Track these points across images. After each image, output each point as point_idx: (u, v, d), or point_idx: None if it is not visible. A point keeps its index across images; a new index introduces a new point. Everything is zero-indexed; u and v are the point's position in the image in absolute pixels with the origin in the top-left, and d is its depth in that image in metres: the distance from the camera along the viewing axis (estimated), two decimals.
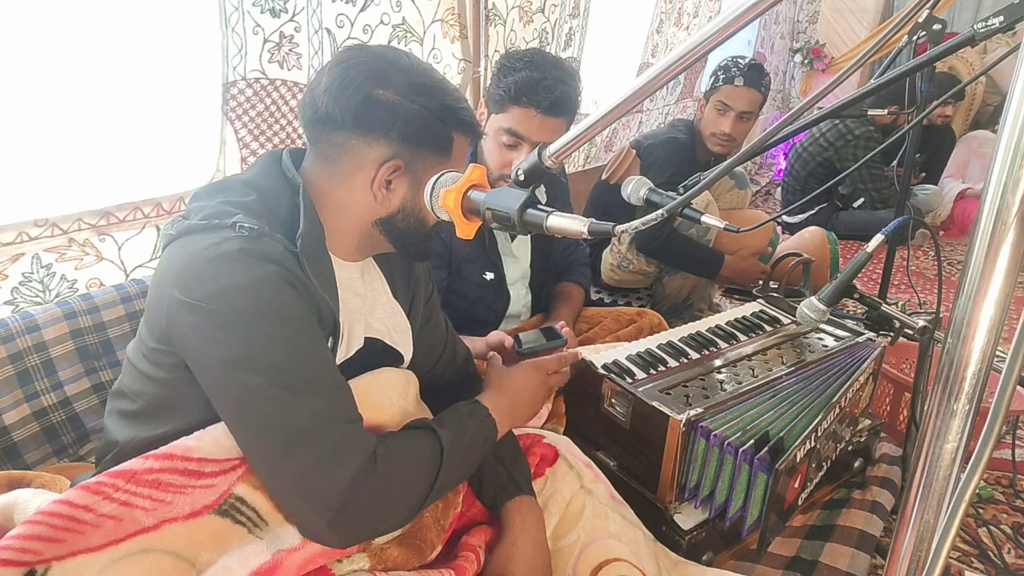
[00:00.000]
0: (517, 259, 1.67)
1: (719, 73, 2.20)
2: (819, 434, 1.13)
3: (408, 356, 1.05)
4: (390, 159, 0.89)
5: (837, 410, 1.19)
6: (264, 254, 0.79)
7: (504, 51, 2.25)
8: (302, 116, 0.92)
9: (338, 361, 0.94)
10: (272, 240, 0.82)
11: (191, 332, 0.78)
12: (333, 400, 0.81)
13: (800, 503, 1.20)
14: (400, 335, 1.03)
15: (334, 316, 0.89)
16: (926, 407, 0.53)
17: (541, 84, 1.37)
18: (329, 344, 0.90)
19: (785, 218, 3.50)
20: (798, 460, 1.08)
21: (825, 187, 1.45)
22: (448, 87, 0.92)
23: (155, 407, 0.88)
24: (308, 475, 0.77)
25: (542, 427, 1.31)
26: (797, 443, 1.06)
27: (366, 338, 0.98)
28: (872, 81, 0.88)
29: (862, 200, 3.40)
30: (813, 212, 3.48)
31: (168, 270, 0.82)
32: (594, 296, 2.29)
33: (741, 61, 2.19)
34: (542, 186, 1.33)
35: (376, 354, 1.00)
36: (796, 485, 1.14)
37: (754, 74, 2.16)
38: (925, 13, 0.94)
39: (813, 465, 1.18)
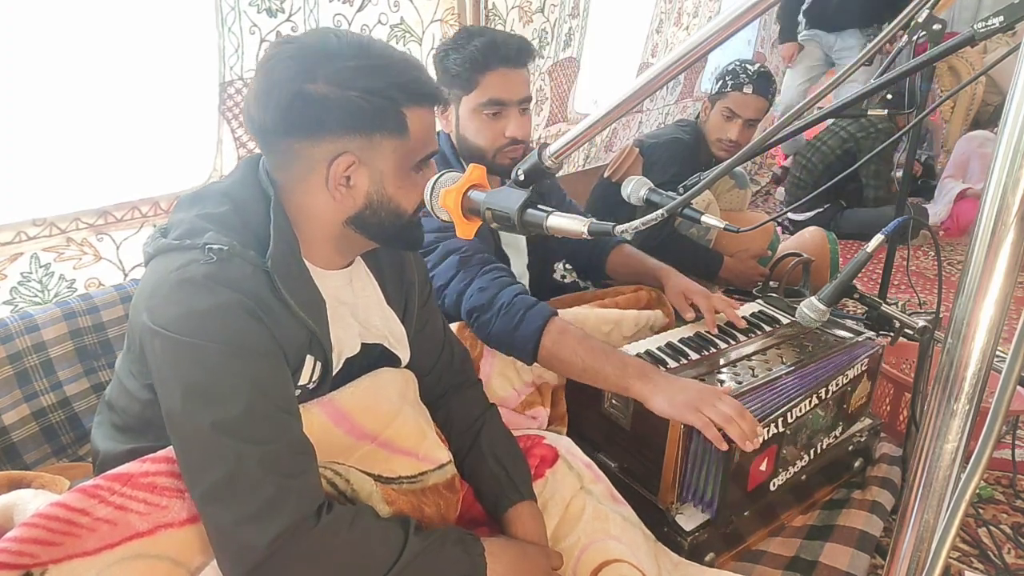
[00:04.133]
0: (519, 252, 1.67)
1: (727, 79, 2.15)
2: (790, 420, 1.14)
3: (405, 359, 1.04)
4: (338, 155, 0.83)
5: (815, 399, 1.20)
6: (229, 280, 0.77)
7: None
8: (247, 129, 0.87)
9: (335, 369, 0.93)
10: (242, 260, 0.79)
11: (155, 357, 0.77)
12: (276, 447, 0.77)
13: (774, 488, 1.21)
14: (396, 340, 1.02)
15: (313, 334, 0.86)
16: (926, 407, 0.53)
17: (498, 40, 1.35)
18: (309, 363, 0.88)
19: (791, 215, 3.46)
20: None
21: (837, 179, 1.38)
22: (392, 60, 0.84)
23: (142, 422, 0.88)
24: (232, 528, 0.74)
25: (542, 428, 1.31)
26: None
27: (364, 343, 0.97)
28: (872, 81, 0.88)
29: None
30: (820, 210, 3.43)
31: (142, 292, 0.81)
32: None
33: (750, 68, 2.15)
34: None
35: (374, 359, 1.00)
36: (763, 468, 1.15)
37: (763, 82, 2.13)
38: (925, 13, 0.94)
39: (785, 451, 1.19)
